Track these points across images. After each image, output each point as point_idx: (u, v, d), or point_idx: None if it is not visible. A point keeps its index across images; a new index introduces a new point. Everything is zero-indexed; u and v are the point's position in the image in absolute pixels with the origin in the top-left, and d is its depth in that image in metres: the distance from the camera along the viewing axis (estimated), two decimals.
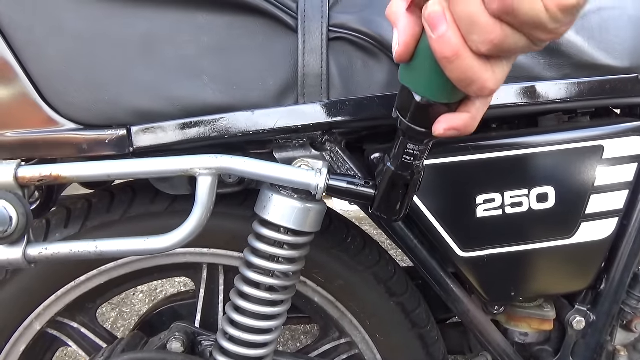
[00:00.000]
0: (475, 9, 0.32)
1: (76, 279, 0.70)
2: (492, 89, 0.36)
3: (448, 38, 0.34)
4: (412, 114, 0.43)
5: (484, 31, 0.32)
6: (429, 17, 0.34)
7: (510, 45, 0.33)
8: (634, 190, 0.66)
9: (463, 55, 0.34)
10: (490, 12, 0.32)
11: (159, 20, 0.53)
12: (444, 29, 0.33)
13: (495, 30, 0.32)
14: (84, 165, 0.51)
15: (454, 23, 0.33)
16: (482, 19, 0.32)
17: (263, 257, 0.59)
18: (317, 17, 0.54)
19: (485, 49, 0.33)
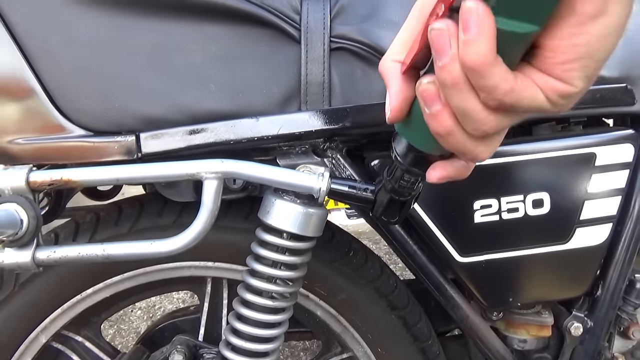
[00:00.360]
0: (471, 105, 0.31)
1: (82, 292, 0.71)
2: (484, 158, 0.36)
3: (441, 118, 0.33)
4: (408, 160, 0.45)
5: (478, 123, 0.32)
6: (422, 93, 0.34)
7: (504, 126, 0.33)
8: (626, 197, 0.68)
9: (456, 134, 0.34)
10: (487, 107, 0.31)
11: (168, 31, 0.55)
12: (437, 109, 0.33)
13: (490, 122, 0.32)
14: (94, 170, 0.53)
15: (448, 105, 0.33)
16: (478, 114, 0.32)
17: (266, 264, 0.60)
18: (319, 28, 0.57)
19: (479, 134, 0.33)
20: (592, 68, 0.29)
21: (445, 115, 0.33)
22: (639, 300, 0.73)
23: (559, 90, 0.30)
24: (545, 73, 0.30)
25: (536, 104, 0.30)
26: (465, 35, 0.28)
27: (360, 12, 0.58)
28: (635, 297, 0.73)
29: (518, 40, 0.29)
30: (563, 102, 0.30)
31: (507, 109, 0.32)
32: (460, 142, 0.34)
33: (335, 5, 0.59)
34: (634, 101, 0.64)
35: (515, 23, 0.28)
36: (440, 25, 0.30)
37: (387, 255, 1.78)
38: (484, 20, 0.27)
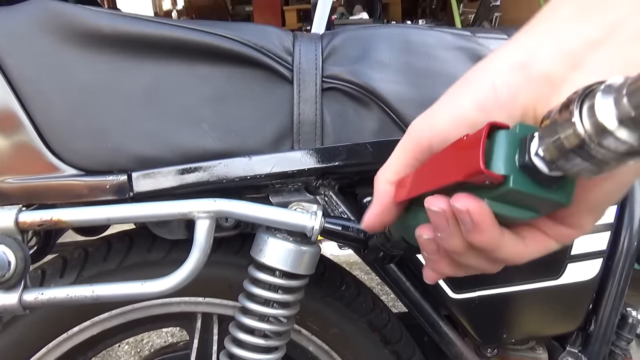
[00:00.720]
0: (477, 263, 0.32)
1: (68, 330, 0.69)
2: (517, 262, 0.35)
3: (438, 267, 0.35)
4: (399, 241, 0.46)
5: (486, 271, 0.34)
6: (422, 245, 0.33)
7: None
8: (615, 232, 0.68)
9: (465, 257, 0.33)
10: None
11: (162, 72, 0.56)
12: (435, 258, 0.34)
13: (499, 268, 0.34)
14: (84, 210, 0.52)
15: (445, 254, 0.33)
16: (485, 267, 0.33)
17: (258, 302, 0.59)
18: (311, 69, 0.58)
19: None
20: (601, 214, 0.30)
21: (445, 263, 0.34)
22: (632, 334, 0.73)
23: (570, 235, 0.31)
24: (557, 223, 0.30)
25: (547, 251, 0.31)
26: (465, 227, 0.28)
27: (351, 54, 0.59)
28: (628, 331, 0.73)
29: (518, 220, 0.29)
30: (572, 240, 0.32)
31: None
32: (473, 262, 0.33)
33: (326, 47, 0.60)
34: None
35: (516, 211, 0.28)
36: (437, 207, 0.30)
37: (379, 286, 1.77)
38: (486, 218, 0.27)
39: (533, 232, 0.31)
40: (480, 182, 0.26)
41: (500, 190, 0.26)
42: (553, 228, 0.30)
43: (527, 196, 0.26)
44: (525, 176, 0.26)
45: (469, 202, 0.27)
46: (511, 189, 0.26)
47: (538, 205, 0.28)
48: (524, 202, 0.27)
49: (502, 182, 0.26)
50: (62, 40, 0.55)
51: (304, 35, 0.62)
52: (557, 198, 0.26)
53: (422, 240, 0.34)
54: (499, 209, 0.28)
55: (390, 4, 5.24)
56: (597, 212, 0.30)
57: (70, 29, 0.55)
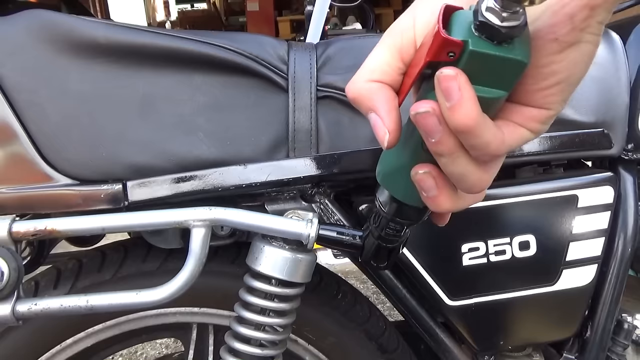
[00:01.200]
0: (465, 168, 0.33)
1: (62, 342, 0.68)
2: (484, 187, 0.36)
3: (440, 202, 0.36)
4: (391, 210, 0.45)
5: (475, 184, 0.34)
6: (420, 121, 0.32)
7: (494, 174, 0.36)
8: (609, 238, 0.69)
9: (458, 157, 0.34)
10: (480, 164, 0.33)
11: (158, 81, 0.56)
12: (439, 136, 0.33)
13: (486, 179, 0.34)
14: (79, 219, 0.52)
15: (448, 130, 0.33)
16: (474, 175, 0.33)
17: (254, 311, 0.59)
18: (306, 77, 0.58)
19: (477, 189, 0.35)
20: (568, 92, 0.32)
21: (444, 195, 0.36)
22: (628, 340, 0.73)
23: (540, 117, 0.32)
24: (523, 104, 0.32)
25: (522, 141, 0.33)
26: (450, 101, 0.29)
27: (345, 63, 0.60)
28: (624, 337, 0.73)
29: (492, 103, 0.31)
30: (543, 127, 0.33)
31: (498, 158, 0.33)
32: (462, 167, 0.34)
33: (321, 56, 0.60)
34: (611, 145, 0.66)
35: (485, 89, 0.30)
36: (425, 107, 0.31)
37: (374, 295, 1.77)
38: (465, 84, 0.29)
39: (506, 123, 0.32)
40: (445, 56, 0.29)
41: (464, 57, 0.29)
42: (524, 113, 0.32)
43: (489, 59, 0.29)
44: (482, 39, 0.29)
45: (449, 71, 0.29)
46: (471, 51, 0.28)
47: (502, 76, 0.30)
48: (488, 72, 0.29)
49: (463, 50, 0.29)
50: (57, 51, 0.55)
51: (299, 45, 0.63)
52: (515, 55, 0.29)
53: (418, 178, 0.35)
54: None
55: (383, 14, 5.29)
56: (564, 87, 0.31)
57: (65, 39, 0.55)
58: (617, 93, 0.68)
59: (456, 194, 0.36)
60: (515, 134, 0.32)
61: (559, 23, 0.29)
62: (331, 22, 3.78)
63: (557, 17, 0.29)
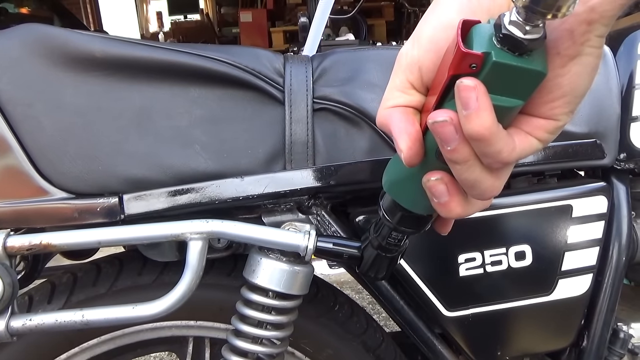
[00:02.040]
0: (478, 176, 0.34)
1: (57, 357, 0.67)
2: (495, 194, 0.37)
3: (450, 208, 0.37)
4: (396, 218, 0.46)
5: (487, 191, 0.35)
6: (438, 130, 0.33)
7: (504, 181, 0.37)
8: (604, 247, 0.69)
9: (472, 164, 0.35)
10: (491, 171, 0.35)
11: (154, 94, 0.56)
12: (455, 144, 0.34)
13: (497, 186, 0.36)
14: (74, 233, 0.52)
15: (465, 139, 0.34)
16: (486, 182, 0.35)
17: (251, 323, 0.59)
18: (302, 90, 0.58)
19: (487, 196, 0.37)
20: (574, 103, 0.33)
21: (455, 201, 0.37)
22: (624, 350, 0.73)
23: (547, 128, 0.33)
24: (531, 115, 0.34)
25: (532, 150, 0.34)
26: (467, 110, 0.30)
27: (341, 75, 0.60)
28: (620, 346, 0.73)
29: (507, 112, 0.32)
30: (551, 137, 0.34)
31: (508, 165, 0.35)
32: (476, 174, 0.35)
33: (317, 68, 0.61)
34: (604, 155, 0.67)
35: (503, 99, 0.31)
36: (443, 117, 0.32)
37: (370, 305, 1.76)
38: (483, 94, 0.30)
39: (517, 131, 0.34)
40: (467, 69, 0.30)
41: (486, 68, 0.30)
42: (532, 123, 0.33)
43: (510, 70, 0.30)
44: (504, 51, 0.30)
45: (469, 82, 0.30)
46: (494, 62, 0.30)
47: (520, 86, 0.31)
48: (508, 83, 0.31)
49: (485, 61, 0.30)
50: (53, 64, 0.55)
51: (295, 57, 0.63)
52: (535, 66, 0.30)
53: (430, 184, 0.36)
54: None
55: (375, 25, 5.33)
56: (570, 100, 0.32)
57: (61, 53, 0.55)
58: (609, 104, 0.69)
59: (466, 200, 0.38)
60: (525, 143, 0.33)
61: (560, 38, 0.31)
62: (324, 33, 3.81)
63: (558, 33, 0.31)
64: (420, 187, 0.38)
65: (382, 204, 0.46)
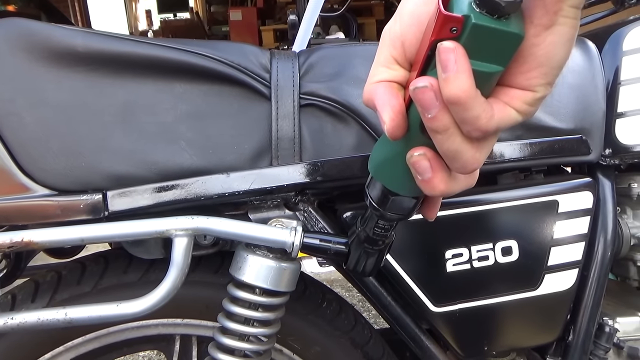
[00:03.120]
0: (459, 146, 0.34)
1: (40, 357, 0.66)
2: (476, 167, 0.37)
3: (433, 184, 0.37)
4: (385, 205, 0.45)
5: (468, 162, 0.35)
6: (418, 96, 0.33)
7: (486, 154, 0.37)
8: (589, 242, 0.70)
9: (452, 133, 0.35)
10: (472, 142, 0.34)
11: (138, 90, 0.55)
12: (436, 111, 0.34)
13: (478, 158, 0.35)
14: (57, 231, 0.51)
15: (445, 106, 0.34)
16: (467, 153, 0.35)
17: (238, 321, 0.58)
18: (288, 85, 0.58)
19: (469, 169, 0.36)
20: (551, 75, 0.33)
21: (438, 177, 0.37)
22: (609, 343, 0.74)
23: (524, 98, 0.33)
24: (509, 86, 0.34)
25: (511, 121, 0.34)
26: (446, 73, 0.31)
27: (328, 71, 0.60)
28: (606, 340, 0.74)
29: (487, 79, 0.33)
30: (530, 109, 0.34)
31: (489, 136, 0.34)
32: (456, 144, 0.35)
33: (303, 64, 0.61)
34: (589, 151, 0.68)
35: (483, 64, 0.32)
36: (422, 83, 0.32)
37: (360, 303, 1.76)
38: (462, 57, 0.30)
39: (495, 101, 0.34)
40: (448, 33, 0.31)
41: (466, 31, 0.31)
42: (510, 93, 0.34)
43: (489, 33, 0.31)
44: (483, 14, 0.30)
45: (449, 44, 0.31)
46: (474, 24, 0.30)
47: (499, 51, 0.32)
48: (487, 47, 0.31)
49: (465, 24, 0.31)
50: (35, 59, 0.54)
51: (281, 53, 0.63)
52: (513, 29, 0.31)
53: (414, 160, 0.37)
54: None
55: (365, 24, 5.34)
56: (546, 70, 0.32)
57: (43, 48, 0.54)
58: (594, 100, 0.69)
59: (450, 176, 0.38)
60: (503, 112, 0.33)
61: (534, 7, 0.31)
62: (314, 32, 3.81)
63: (531, 2, 0.31)
64: (406, 167, 0.38)
65: (368, 191, 0.46)
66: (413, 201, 0.45)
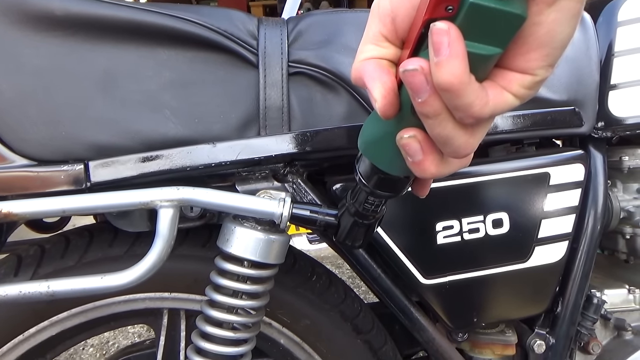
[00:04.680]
0: (451, 132, 0.32)
1: (25, 331, 0.65)
2: (469, 151, 0.35)
3: (424, 167, 0.35)
4: (372, 182, 0.44)
5: (460, 148, 0.33)
6: (408, 78, 0.31)
7: (480, 140, 0.35)
8: (580, 215, 0.70)
9: (444, 118, 0.33)
10: (464, 127, 0.32)
11: (120, 56, 0.53)
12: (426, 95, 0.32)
13: (472, 143, 0.33)
14: (37, 202, 0.49)
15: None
16: (459, 139, 0.33)
17: (226, 293, 0.58)
18: (276, 53, 0.56)
19: (462, 154, 0.34)
20: (552, 56, 0.30)
21: (429, 159, 0.35)
22: (597, 315, 0.75)
23: (523, 82, 0.31)
24: (507, 69, 0.31)
25: (507, 106, 0.31)
26: (438, 57, 0.28)
27: (317, 38, 0.58)
28: (593, 312, 0.75)
29: (484, 61, 0.30)
30: (528, 93, 0.31)
31: (483, 122, 0.32)
32: (448, 130, 0.33)
33: (292, 31, 0.59)
34: (582, 123, 0.67)
35: (481, 46, 0.29)
36: (413, 65, 0.30)
37: (350, 279, 1.77)
38: (456, 40, 0.28)
39: (492, 84, 0.31)
40: (443, 12, 0.28)
41: (462, 11, 0.28)
42: (508, 77, 0.31)
43: (488, 12, 0.28)
44: None
45: (442, 25, 0.28)
46: (471, 3, 0.28)
47: (498, 32, 0.29)
48: (485, 28, 0.29)
49: (462, 3, 0.28)
50: (10, 23, 0.51)
51: (269, 20, 0.60)
52: (514, 9, 0.28)
53: (404, 142, 0.35)
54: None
55: (356, 0, 5.26)
56: (548, 52, 0.30)
57: (19, 11, 0.51)
58: (588, 72, 0.68)
59: (442, 159, 0.36)
60: (499, 98, 0.31)
61: None
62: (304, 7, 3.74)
63: None
64: (396, 147, 0.37)
65: (358, 168, 0.45)
66: (403, 180, 0.43)
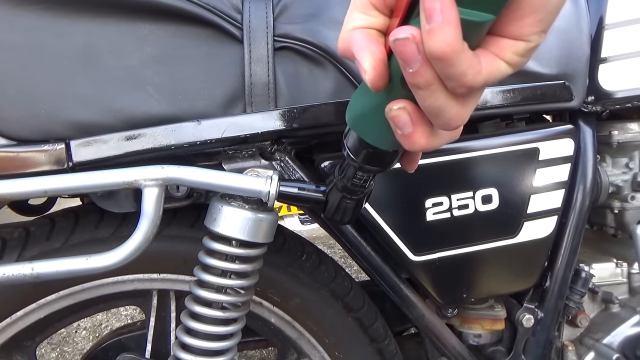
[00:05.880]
0: (443, 102, 0.32)
1: (12, 314, 0.65)
2: (461, 123, 0.35)
3: (414, 139, 0.35)
4: (360, 156, 0.43)
5: (452, 119, 0.33)
6: (399, 48, 0.30)
7: (473, 107, 0.34)
8: (569, 190, 0.70)
9: (436, 89, 0.32)
10: (457, 97, 0.32)
11: (99, 31, 0.51)
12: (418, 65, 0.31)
13: (463, 114, 0.33)
14: (17, 182, 0.48)
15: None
16: (451, 109, 0.32)
17: (214, 273, 0.57)
18: (261, 27, 0.55)
19: (453, 126, 0.34)
20: (546, 21, 0.30)
21: (419, 131, 0.34)
22: (585, 289, 0.76)
23: (517, 49, 0.30)
24: (500, 36, 0.31)
25: (500, 74, 0.31)
26: (430, 24, 0.27)
27: (303, 12, 0.56)
28: (581, 286, 0.75)
29: (477, 28, 0.29)
30: (521, 61, 0.31)
31: (475, 91, 0.32)
32: (440, 101, 0.32)
33: (278, 4, 0.57)
34: (572, 97, 0.66)
35: (474, 13, 0.28)
36: (404, 34, 0.29)
37: (342, 259, 1.78)
38: (449, 7, 0.27)
39: (484, 52, 0.31)
40: None
41: None
42: (501, 44, 0.31)
43: None
44: None
45: None
46: None
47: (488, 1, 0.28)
48: None
49: None
50: None
51: None
52: None
53: (393, 114, 0.34)
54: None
55: None
56: (541, 17, 0.30)
57: None
58: (579, 45, 0.67)
59: (432, 131, 0.35)
60: (492, 66, 0.31)
61: None
62: None
63: None
64: (385, 120, 0.36)
65: (346, 143, 0.44)
66: (392, 154, 0.43)
